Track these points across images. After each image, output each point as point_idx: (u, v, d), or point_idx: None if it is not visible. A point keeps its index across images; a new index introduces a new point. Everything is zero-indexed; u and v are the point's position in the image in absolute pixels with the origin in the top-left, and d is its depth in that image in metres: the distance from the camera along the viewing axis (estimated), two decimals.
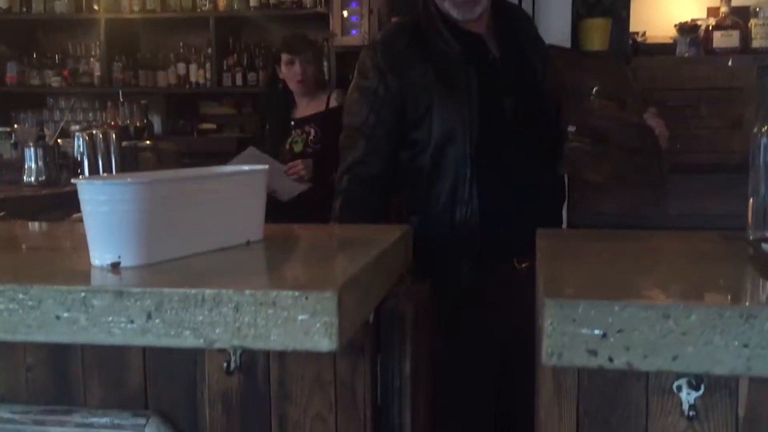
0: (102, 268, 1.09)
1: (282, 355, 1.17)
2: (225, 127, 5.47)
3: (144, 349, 1.20)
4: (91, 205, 1.07)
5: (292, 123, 3.18)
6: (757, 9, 3.18)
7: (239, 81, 5.27)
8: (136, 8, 5.21)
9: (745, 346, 0.86)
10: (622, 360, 0.89)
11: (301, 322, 0.94)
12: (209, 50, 5.25)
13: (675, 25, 3.28)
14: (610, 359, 0.89)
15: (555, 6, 2.54)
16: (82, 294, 0.98)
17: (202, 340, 0.96)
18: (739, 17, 3.16)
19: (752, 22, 3.17)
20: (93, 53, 5.40)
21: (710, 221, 2.49)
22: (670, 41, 3.25)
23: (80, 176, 2.45)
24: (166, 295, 0.97)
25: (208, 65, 5.26)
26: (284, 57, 3.16)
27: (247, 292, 0.95)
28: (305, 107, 3.21)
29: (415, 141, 1.80)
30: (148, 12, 5.20)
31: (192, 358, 1.19)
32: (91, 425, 1.19)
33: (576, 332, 0.89)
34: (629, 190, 2.33)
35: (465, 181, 1.75)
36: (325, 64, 5.00)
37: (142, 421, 1.18)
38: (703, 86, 2.77)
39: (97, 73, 5.33)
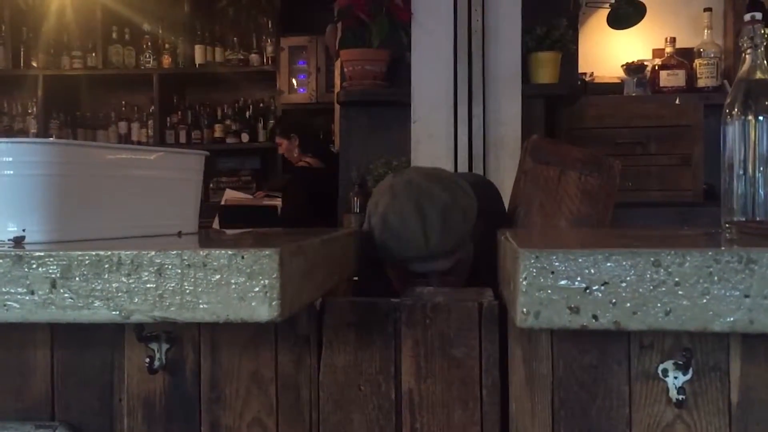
0: (2, 244, 0.93)
1: (214, 348, 1.01)
2: None
3: (51, 348, 1.03)
4: None
5: None
6: (701, 50, 3.23)
7: (183, 139, 5.15)
8: (77, 65, 5.08)
9: (746, 296, 0.75)
10: (608, 318, 0.77)
11: (235, 286, 0.80)
12: (152, 108, 5.13)
13: (622, 66, 3.32)
14: (595, 317, 0.77)
15: (505, 40, 2.52)
16: None
17: (116, 312, 0.81)
18: (684, 58, 3.22)
19: (697, 62, 3.22)
20: (29, 110, 5.22)
21: None
22: (618, 81, 3.28)
23: None
24: (74, 258, 0.81)
25: (150, 123, 5.13)
26: None
27: (173, 252, 0.81)
28: None
29: None
30: (90, 69, 5.07)
31: (108, 357, 1.03)
32: None
33: (555, 286, 0.77)
34: None
35: None
36: (272, 122, 4.94)
37: None
38: (652, 124, 2.77)
39: (33, 130, 5.14)
